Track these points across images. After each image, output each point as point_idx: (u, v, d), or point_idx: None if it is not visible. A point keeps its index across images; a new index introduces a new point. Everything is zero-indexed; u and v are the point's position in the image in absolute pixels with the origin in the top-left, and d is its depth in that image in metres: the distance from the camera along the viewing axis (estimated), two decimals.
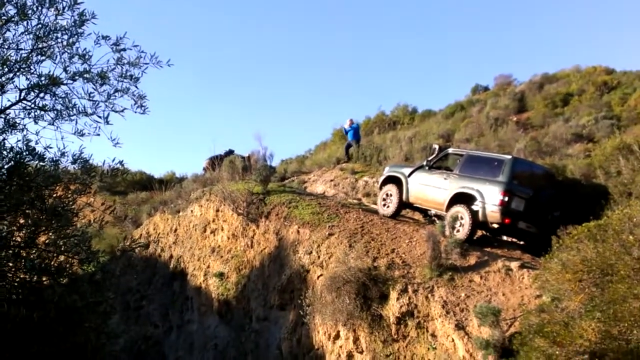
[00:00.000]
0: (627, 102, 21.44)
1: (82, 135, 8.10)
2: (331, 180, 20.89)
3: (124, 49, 8.20)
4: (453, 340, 10.09)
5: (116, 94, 8.23)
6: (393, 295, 11.29)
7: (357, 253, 12.33)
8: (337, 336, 12.26)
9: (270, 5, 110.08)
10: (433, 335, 10.56)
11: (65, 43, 7.94)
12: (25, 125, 8.09)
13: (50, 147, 8.15)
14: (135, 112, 8.45)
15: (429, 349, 10.52)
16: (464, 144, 20.95)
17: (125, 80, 8.32)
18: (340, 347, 12.15)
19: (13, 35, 7.89)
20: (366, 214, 15.03)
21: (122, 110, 8.30)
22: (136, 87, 8.43)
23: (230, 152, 25.42)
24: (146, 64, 8.31)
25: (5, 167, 7.80)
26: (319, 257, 13.61)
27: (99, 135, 8.18)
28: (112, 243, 20.39)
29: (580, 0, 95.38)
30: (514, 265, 11.18)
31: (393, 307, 11.19)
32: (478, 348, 9.40)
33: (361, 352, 11.67)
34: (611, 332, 6.97)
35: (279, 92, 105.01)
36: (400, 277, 11.60)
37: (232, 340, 16.01)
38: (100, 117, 8.16)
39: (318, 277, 13.31)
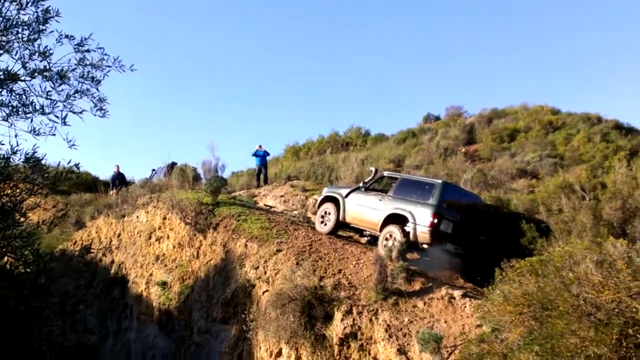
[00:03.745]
0: (570, 142, 22.38)
1: (38, 134, 7.89)
2: (281, 196, 20.92)
3: (88, 50, 8.08)
4: None
5: (76, 94, 8.06)
6: (338, 315, 11.39)
7: (304, 271, 12.39)
8: (279, 354, 12.24)
9: (233, 15, 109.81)
10: (375, 359, 10.69)
11: (25, 39, 7.77)
12: None
13: (2, 144, 7.90)
14: (95, 115, 8.29)
15: None
16: (413, 170, 21.40)
17: (86, 82, 8.18)
18: None
19: None
20: (315, 233, 15.13)
21: (81, 112, 8.14)
22: (97, 89, 8.30)
23: (174, 164, 25.25)
24: (109, 66, 8.22)
25: None
26: (265, 272, 13.61)
27: (54, 135, 7.96)
28: (51, 243, 19.85)
29: (530, 40, 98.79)
30: (456, 293, 11.46)
31: (337, 328, 11.28)
32: None
33: None
34: None
35: (234, 106, 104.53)
36: (345, 298, 11.72)
37: (171, 352, 15.76)
38: (57, 117, 7.97)
39: (263, 293, 13.30)
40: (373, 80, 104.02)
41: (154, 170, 27.92)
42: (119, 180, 25.51)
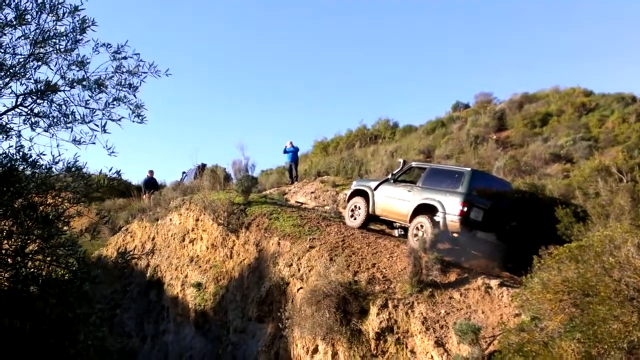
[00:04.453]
0: (604, 124, 21.87)
1: (80, 143, 7.99)
2: (312, 192, 20.88)
3: (125, 57, 8.14)
4: (432, 357, 10.11)
5: (114, 102, 8.14)
6: (373, 310, 11.29)
7: (337, 267, 12.30)
8: (316, 350, 12.20)
9: (258, 17, 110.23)
10: (412, 352, 10.57)
11: (63, 49, 7.84)
12: (19, 131, 7.95)
13: (44, 154, 7.98)
14: (133, 122, 8.36)
15: None
16: (444, 160, 21.15)
17: (123, 89, 8.24)
18: None
19: (9, 40, 7.76)
20: (347, 228, 15.02)
21: (120, 119, 8.22)
22: (134, 96, 8.36)
23: (204, 165, 25.41)
24: (145, 72, 8.25)
25: None
26: (299, 269, 13.56)
27: (94, 143, 8.08)
28: (88, 249, 20.11)
29: (562, 24, 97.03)
30: (493, 283, 11.26)
31: (373, 322, 11.18)
32: None
33: None
34: (591, 353, 7.04)
35: (262, 105, 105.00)
36: (380, 292, 11.61)
37: (208, 352, 15.84)
38: (97, 125, 8.06)
39: (298, 290, 13.26)
40: (400, 71, 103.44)
41: (184, 172, 28.14)
42: (152, 185, 25.78)
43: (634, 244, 7.47)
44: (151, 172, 26.19)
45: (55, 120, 8.07)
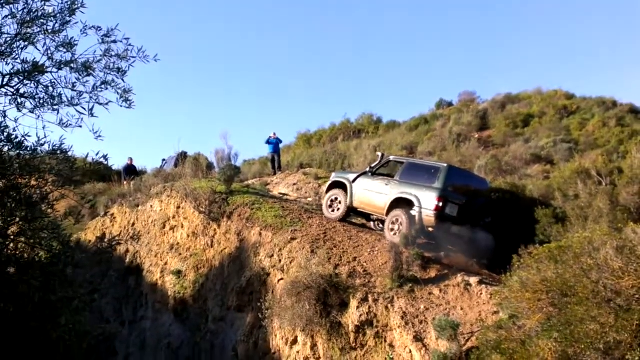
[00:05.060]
0: (585, 127, 22.17)
1: (66, 126, 7.92)
2: (294, 184, 20.88)
3: (115, 41, 8.09)
4: (411, 351, 10.23)
5: (102, 86, 8.07)
6: (353, 303, 11.38)
7: (319, 259, 12.36)
8: (295, 341, 12.28)
9: (243, 8, 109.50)
10: (391, 346, 10.68)
11: (51, 30, 7.76)
12: (4, 112, 7.86)
13: (29, 136, 7.91)
14: (121, 106, 8.32)
15: (386, 358, 10.63)
16: (426, 157, 21.29)
17: (111, 73, 8.19)
18: (298, 352, 12.17)
19: None
20: (329, 221, 15.09)
21: (107, 103, 8.16)
22: (123, 80, 8.30)
23: (184, 154, 25.28)
24: (133, 57, 8.20)
25: None
26: (280, 260, 13.61)
27: (81, 127, 8.01)
28: (67, 234, 19.93)
29: (545, 26, 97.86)
30: (473, 280, 11.42)
31: (353, 316, 11.27)
32: None
33: (318, 359, 11.69)
34: (567, 353, 7.18)
35: (247, 95, 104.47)
36: (361, 285, 11.70)
37: (186, 340, 15.86)
38: (84, 108, 7.99)
39: (278, 281, 13.31)
40: (384, 67, 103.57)
41: (164, 160, 27.97)
42: (132, 171, 25.60)
43: (612, 247, 7.62)
44: (130, 159, 26.04)
45: (41, 101, 8.02)
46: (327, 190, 15.99)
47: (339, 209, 15.25)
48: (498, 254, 11.87)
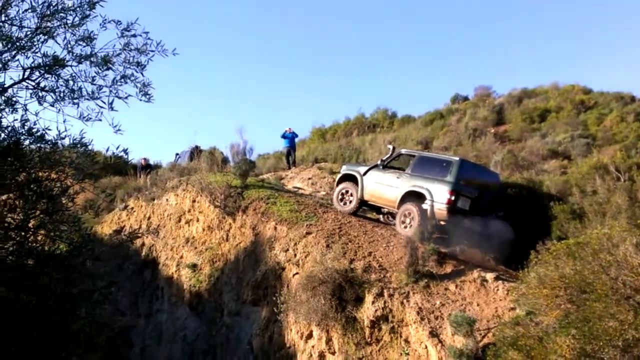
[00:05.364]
0: (603, 122, 21.89)
1: (87, 119, 7.97)
2: (309, 179, 20.89)
3: (134, 35, 8.10)
4: (426, 347, 10.22)
5: (122, 80, 8.10)
6: (368, 298, 11.38)
7: (334, 254, 12.36)
8: (310, 336, 12.31)
9: (259, 2, 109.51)
10: (406, 341, 10.67)
11: (70, 24, 7.80)
12: (25, 105, 7.92)
13: (49, 129, 7.99)
14: (141, 100, 8.32)
15: (401, 354, 10.63)
16: (442, 152, 21.18)
17: (131, 67, 8.20)
18: (313, 347, 12.20)
19: (17, 12, 7.70)
20: (344, 215, 15.08)
21: (127, 97, 8.18)
22: (142, 74, 8.32)
23: (197, 148, 25.39)
24: (152, 51, 8.22)
25: (0, 145, 7.63)
26: (295, 255, 13.62)
27: (100, 120, 8.05)
28: (87, 227, 20.09)
29: (564, 22, 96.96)
30: (489, 276, 11.37)
31: (368, 310, 11.27)
32: (451, 356, 9.54)
33: (333, 353, 11.73)
34: (585, 350, 7.13)
35: (261, 89, 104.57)
36: (376, 280, 11.69)
37: (202, 333, 15.95)
38: (104, 102, 8.03)
39: (293, 275, 13.33)
40: (400, 61, 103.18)
41: (177, 154, 28.07)
42: (146, 172, 25.74)
43: (632, 243, 7.56)
44: (145, 159, 26.24)
45: (61, 95, 8.03)
46: (338, 183, 16.00)
47: (351, 202, 15.26)
48: (515, 248, 11.84)
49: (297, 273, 13.24)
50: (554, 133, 21.67)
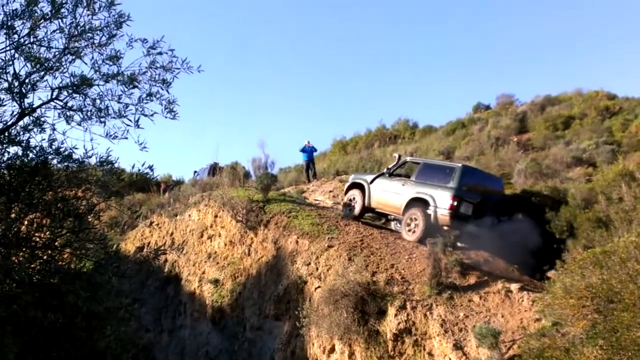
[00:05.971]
0: (628, 128, 21.51)
1: (113, 138, 8.03)
2: (330, 191, 20.82)
3: (160, 53, 8.17)
4: (450, 359, 10.03)
5: (148, 97, 8.16)
6: (391, 311, 11.22)
7: (356, 267, 12.25)
8: (333, 350, 12.17)
9: (281, 17, 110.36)
10: (430, 354, 10.49)
11: (97, 44, 7.88)
12: (53, 125, 8.00)
13: (76, 148, 8.08)
14: (166, 117, 8.37)
15: None
16: (464, 162, 20.98)
17: (156, 84, 8.26)
18: None
19: (45, 33, 7.80)
20: (366, 228, 14.98)
21: (152, 115, 8.23)
22: (167, 91, 8.37)
23: (216, 165, 25.62)
24: (177, 69, 8.28)
25: (29, 164, 7.70)
26: (317, 268, 13.54)
27: (127, 138, 8.10)
28: (113, 244, 20.29)
29: (584, 26, 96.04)
30: (514, 287, 11.14)
31: (391, 323, 11.11)
32: None
33: None
34: None
35: (282, 105, 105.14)
36: (399, 293, 11.54)
37: (224, 348, 15.90)
38: (130, 120, 8.09)
39: (315, 289, 13.23)
40: (421, 72, 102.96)
41: (196, 172, 28.27)
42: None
43: None
44: (164, 184, 26.63)
45: (89, 114, 8.13)
46: (346, 191, 16.46)
47: (355, 208, 15.70)
48: (536, 253, 11.79)
49: (319, 287, 13.14)
50: (578, 140, 21.35)
